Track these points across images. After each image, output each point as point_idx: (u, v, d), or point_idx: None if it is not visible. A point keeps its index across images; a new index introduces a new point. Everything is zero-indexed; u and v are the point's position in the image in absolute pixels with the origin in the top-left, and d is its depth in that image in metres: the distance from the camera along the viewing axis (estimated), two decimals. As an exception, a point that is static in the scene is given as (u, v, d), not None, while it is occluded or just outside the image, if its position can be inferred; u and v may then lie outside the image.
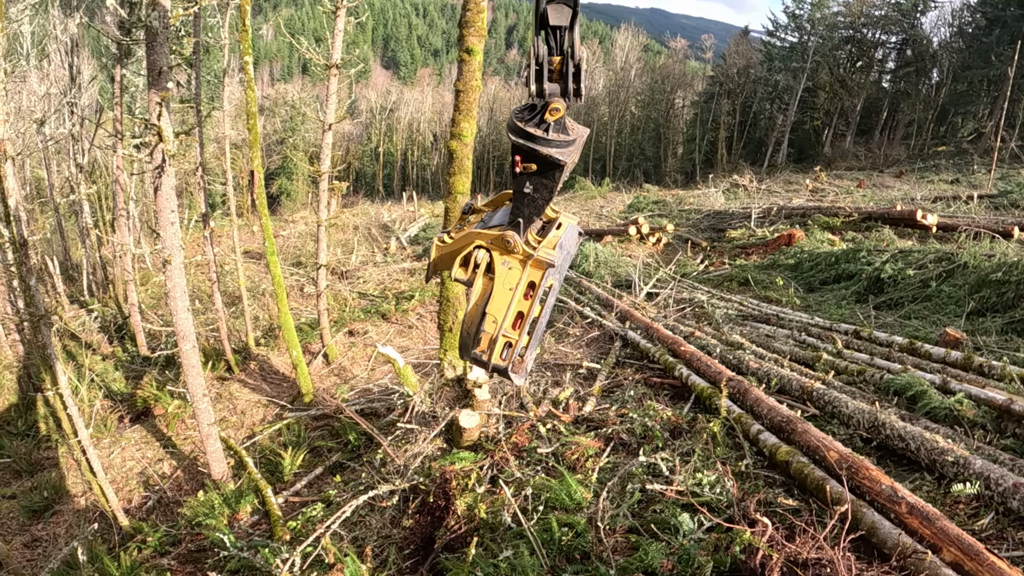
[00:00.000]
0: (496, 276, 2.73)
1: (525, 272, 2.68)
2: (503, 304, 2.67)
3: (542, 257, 2.62)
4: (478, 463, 8.27)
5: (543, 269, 2.64)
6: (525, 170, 2.49)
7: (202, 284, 26.76)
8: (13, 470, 16.05)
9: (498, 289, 2.70)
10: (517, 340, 2.66)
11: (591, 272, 21.53)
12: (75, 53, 29.83)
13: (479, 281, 2.79)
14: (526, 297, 2.68)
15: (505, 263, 2.71)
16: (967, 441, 7.03)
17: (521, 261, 2.69)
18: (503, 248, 2.72)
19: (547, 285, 2.67)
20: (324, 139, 16.10)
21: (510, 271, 2.70)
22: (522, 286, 2.67)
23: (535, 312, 2.69)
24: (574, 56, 2.22)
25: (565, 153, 2.40)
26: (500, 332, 2.66)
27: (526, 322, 2.68)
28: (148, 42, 9.25)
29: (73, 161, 30.18)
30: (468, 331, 2.77)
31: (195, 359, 11.06)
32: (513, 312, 2.67)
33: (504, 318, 2.66)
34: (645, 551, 5.82)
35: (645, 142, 79.91)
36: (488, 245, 2.78)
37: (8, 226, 10.61)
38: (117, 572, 9.67)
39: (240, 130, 42.70)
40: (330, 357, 18.19)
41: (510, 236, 2.65)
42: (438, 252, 3.08)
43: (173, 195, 9.99)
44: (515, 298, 2.67)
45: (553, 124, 2.38)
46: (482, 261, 2.80)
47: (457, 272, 2.88)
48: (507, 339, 2.67)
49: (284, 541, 8.61)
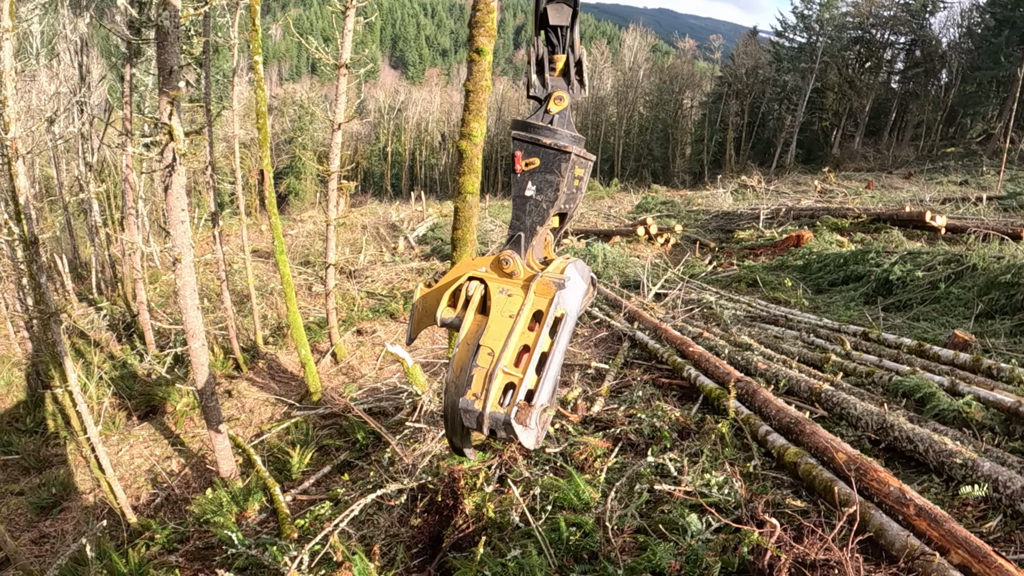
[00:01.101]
0: (492, 306, 2.23)
1: (528, 298, 2.16)
2: (501, 334, 2.13)
3: (548, 279, 2.15)
4: (486, 462, 8.27)
5: (551, 293, 2.14)
6: (527, 166, 2.28)
7: (211, 283, 26.85)
8: (21, 466, 16.13)
9: (495, 318, 2.18)
10: (522, 379, 2.07)
11: (599, 272, 21.51)
12: (84, 52, 29.96)
13: (469, 317, 2.29)
14: (530, 328, 2.14)
15: (503, 291, 2.24)
16: (975, 443, 7.01)
17: (523, 286, 2.22)
18: (500, 271, 2.29)
19: (557, 314, 2.14)
20: (334, 138, 16.13)
21: (509, 298, 2.20)
22: (525, 314, 2.14)
23: (543, 346, 2.13)
24: (575, 52, 2.21)
25: (568, 140, 2.21)
26: (499, 367, 2.06)
27: (533, 358, 2.10)
28: (159, 41, 9.28)
29: (82, 160, 30.30)
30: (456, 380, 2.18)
31: (204, 357, 11.10)
32: (515, 346, 2.12)
33: (503, 349, 2.09)
34: (653, 551, 5.82)
35: (653, 142, 79.79)
36: (482, 276, 2.32)
37: (19, 223, 10.66)
38: (125, 569, 9.70)
39: (249, 129, 42.83)
40: (338, 356, 18.22)
41: (508, 255, 2.26)
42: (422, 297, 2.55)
43: (184, 194, 10.02)
44: (517, 327, 2.12)
45: (558, 116, 2.25)
46: (475, 293, 2.32)
47: (443, 311, 2.40)
48: (508, 377, 2.09)
49: (292, 539, 8.63)
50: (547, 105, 2.25)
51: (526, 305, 2.13)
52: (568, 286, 2.15)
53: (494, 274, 2.29)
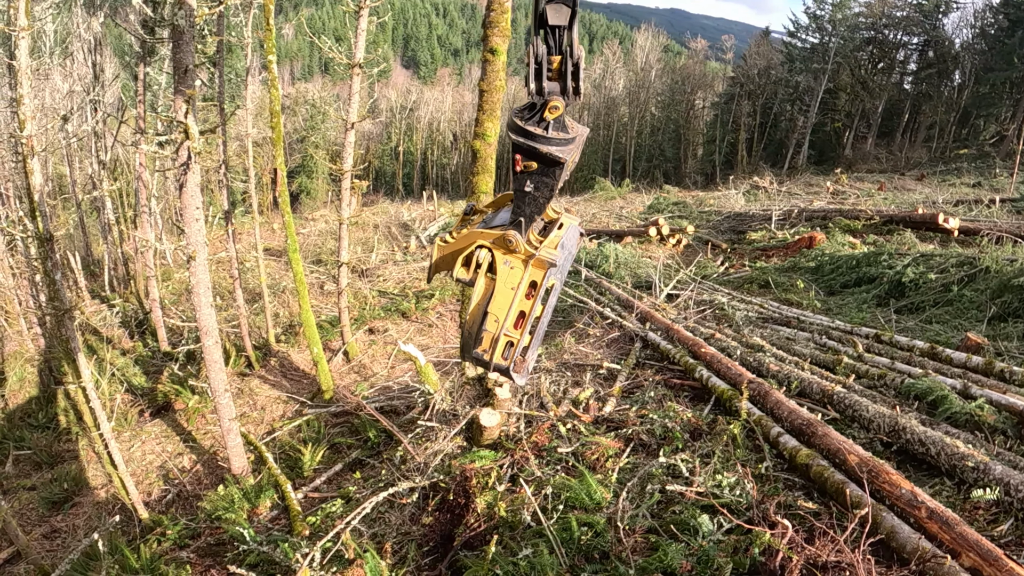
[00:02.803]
0: (498, 276, 2.75)
1: (527, 272, 2.70)
2: (505, 303, 2.70)
3: (544, 256, 2.65)
4: (498, 462, 8.30)
5: (545, 268, 2.67)
6: (526, 169, 2.54)
7: (223, 280, 26.93)
8: (33, 462, 16.22)
9: (500, 288, 2.73)
10: (519, 339, 2.69)
11: (611, 273, 21.51)
12: (98, 51, 30.10)
13: (481, 280, 2.81)
14: (528, 297, 2.71)
15: (507, 262, 2.74)
16: (987, 447, 6.99)
17: (523, 260, 2.72)
18: (505, 247, 2.75)
19: (548, 285, 2.72)
20: (347, 137, 16.17)
21: (512, 270, 2.72)
22: (524, 286, 2.69)
23: (536, 312, 2.72)
24: (572, 55, 2.29)
25: (565, 151, 2.44)
26: (502, 331, 2.68)
27: (527, 321, 2.71)
28: (174, 40, 9.33)
29: (96, 158, 30.44)
30: (470, 331, 2.81)
31: (217, 354, 11.15)
32: (515, 311, 2.70)
33: (506, 317, 2.69)
34: (664, 552, 5.83)
35: (665, 143, 79.72)
36: (490, 245, 2.80)
37: (34, 220, 10.72)
38: (137, 564, 9.75)
39: (261, 128, 42.95)
40: (350, 354, 18.27)
41: (512, 235, 2.69)
42: (440, 252, 3.09)
43: (198, 192, 10.07)
44: (517, 297, 2.69)
45: (553, 122, 2.43)
46: (484, 261, 2.82)
47: (459, 272, 2.91)
48: (509, 338, 2.70)
49: (303, 536, 8.66)
50: (543, 112, 2.39)
51: (524, 278, 2.68)
52: (559, 261, 2.67)
53: (500, 249, 2.77)
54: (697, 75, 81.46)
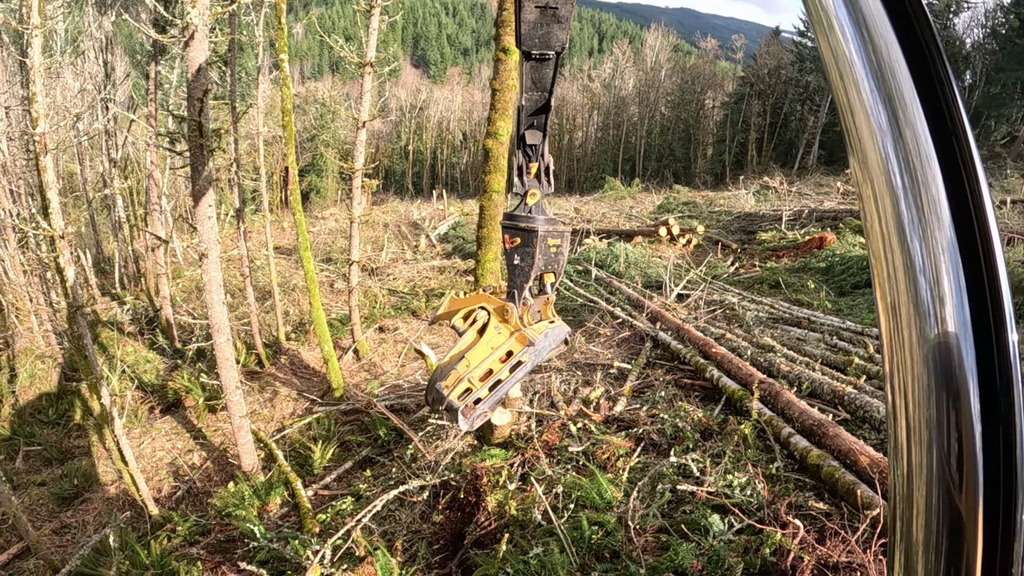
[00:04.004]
0: (486, 334, 3.03)
1: (510, 340, 2.97)
2: (481, 356, 2.95)
3: (527, 334, 2.93)
4: (509, 460, 8.30)
5: (524, 344, 2.93)
6: (512, 244, 2.99)
7: (233, 278, 26.99)
8: (44, 457, 16.28)
9: (483, 343, 2.99)
10: (477, 390, 2.89)
11: (621, 272, 21.50)
12: (109, 50, 30.19)
13: (470, 334, 3.09)
14: (501, 360, 2.95)
15: (497, 328, 3.02)
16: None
17: (510, 331, 3.00)
18: (501, 316, 3.04)
19: (522, 358, 2.95)
20: (358, 136, 16.18)
21: (498, 334, 2.99)
22: (502, 350, 2.95)
23: (502, 375, 2.95)
24: (544, 160, 2.93)
25: (538, 223, 2.90)
26: (467, 376, 2.89)
27: (491, 379, 2.93)
28: (187, 39, 9.36)
29: (107, 156, 30.54)
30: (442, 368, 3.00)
31: (229, 352, 11.19)
32: (486, 367, 2.93)
33: (477, 367, 2.92)
34: (675, 551, 5.83)
35: (675, 143, 79.65)
36: (491, 309, 3.11)
37: (46, 218, 10.76)
38: (147, 560, 9.79)
39: (272, 127, 43.07)
40: (360, 353, 18.29)
41: (510, 308, 3.00)
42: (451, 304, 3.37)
43: (211, 190, 10.10)
44: (493, 356, 2.94)
45: (533, 207, 2.97)
46: (480, 320, 3.11)
47: (457, 321, 3.22)
48: (470, 385, 2.90)
49: (313, 533, 8.68)
50: (525, 199, 2.96)
51: (504, 345, 2.96)
52: (537, 344, 2.94)
53: (497, 316, 3.07)
54: (707, 75, 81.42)
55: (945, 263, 0.73)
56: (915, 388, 0.70)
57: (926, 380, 0.68)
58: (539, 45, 2.40)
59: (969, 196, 0.75)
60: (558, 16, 2.20)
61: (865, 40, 0.81)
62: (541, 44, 2.41)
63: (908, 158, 0.76)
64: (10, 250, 21.73)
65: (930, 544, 0.64)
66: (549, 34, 2.34)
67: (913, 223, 0.76)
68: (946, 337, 0.68)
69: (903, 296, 0.75)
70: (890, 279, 0.79)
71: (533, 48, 2.40)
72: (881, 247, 0.81)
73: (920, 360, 0.71)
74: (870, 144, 0.80)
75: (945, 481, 0.63)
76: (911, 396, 0.72)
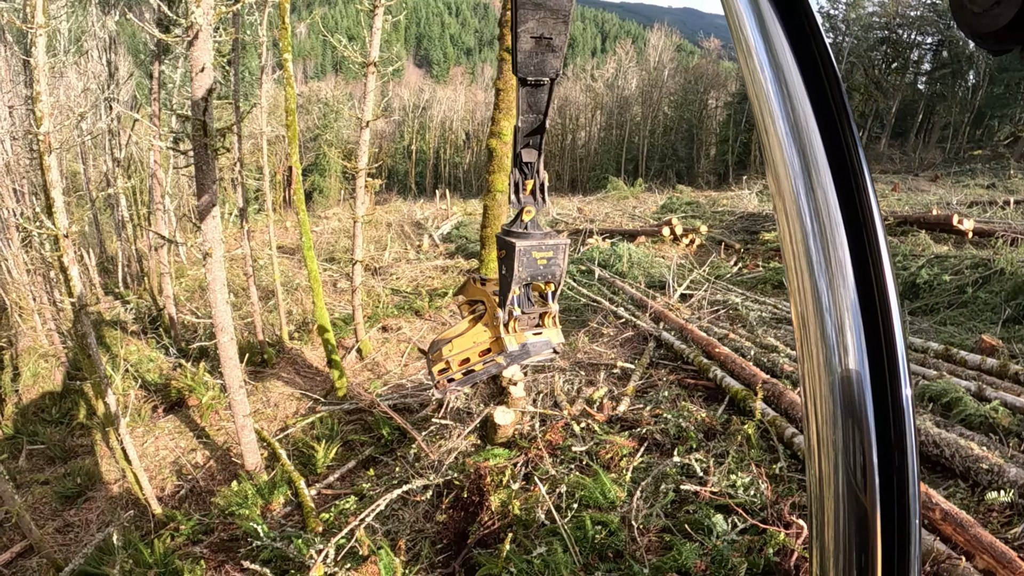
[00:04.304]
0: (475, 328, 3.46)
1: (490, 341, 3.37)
2: (464, 345, 3.43)
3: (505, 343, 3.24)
4: (512, 460, 8.31)
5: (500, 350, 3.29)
6: (500, 256, 3.20)
7: (236, 278, 27.00)
8: (47, 456, 16.30)
9: (469, 335, 3.44)
10: (453, 371, 3.45)
11: (625, 272, 21.48)
12: (113, 50, 30.23)
13: (466, 322, 3.57)
14: (479, 355, 3.41)
15: (485, 326, 3.42)
16: (1002, 449, 6.97)
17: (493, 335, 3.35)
18: (492, 317, 3.36)
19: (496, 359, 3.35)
20: (362, 136, 16.18)
21: (484, 332, 3.40)
22: (481, 347, 3.39)
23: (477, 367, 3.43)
24: (540, 178, 3.08)
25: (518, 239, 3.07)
26: (448, 358, 3.43)
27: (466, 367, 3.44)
28: (192, 39, 9.36)
29: (110, 155, 30.58)
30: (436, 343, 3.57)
31: (233, 351, 11.19)
32: (464, 355, 3.42)
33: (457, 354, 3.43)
34: (679, 551, 5.83)
35: (678, 143, 79.58)
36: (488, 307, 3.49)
37: (51, 217, 10.76)
38: (151, 559, 9.81)
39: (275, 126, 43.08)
40: (364, 352, 18.29)
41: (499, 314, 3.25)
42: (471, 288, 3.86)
43: (215, 189, 10.10)
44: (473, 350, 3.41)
45: (529, 223, 3.15)
46: (478, 311, 3.63)
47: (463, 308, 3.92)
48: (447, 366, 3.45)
49: (317, 533, 8.69)
50: (521, 216, 3.13)
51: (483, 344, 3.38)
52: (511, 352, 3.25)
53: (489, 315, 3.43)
54: (710, 75, 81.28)
55: (848, 313, 0.79)
56: (824, 409, 0.78)
57: (831, 406, 0.76)
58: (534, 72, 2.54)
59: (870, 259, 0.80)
60: (552, 46, 2.32)
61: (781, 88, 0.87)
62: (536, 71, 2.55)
63: (818, 210, 0.82)
64: (13, 249, 21.76)
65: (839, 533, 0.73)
66: (544, 62, 2.48)
67: (821, 265, 0.82)
68: (848, 373, 0.76)
69: (813, 327, 0.82)
70: (803, 304, 0.85)
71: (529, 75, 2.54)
72: (794, 273, 0.87)
73: (827, 386, 0.78)
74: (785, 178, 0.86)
75: (852, 487, 0.72)
76: (822, 416, 0.80)
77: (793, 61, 0.86)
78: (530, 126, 2.86)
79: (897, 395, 0.75)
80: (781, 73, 0.86)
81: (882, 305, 0.78)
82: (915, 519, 0.70)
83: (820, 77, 0.85)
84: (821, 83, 0.85)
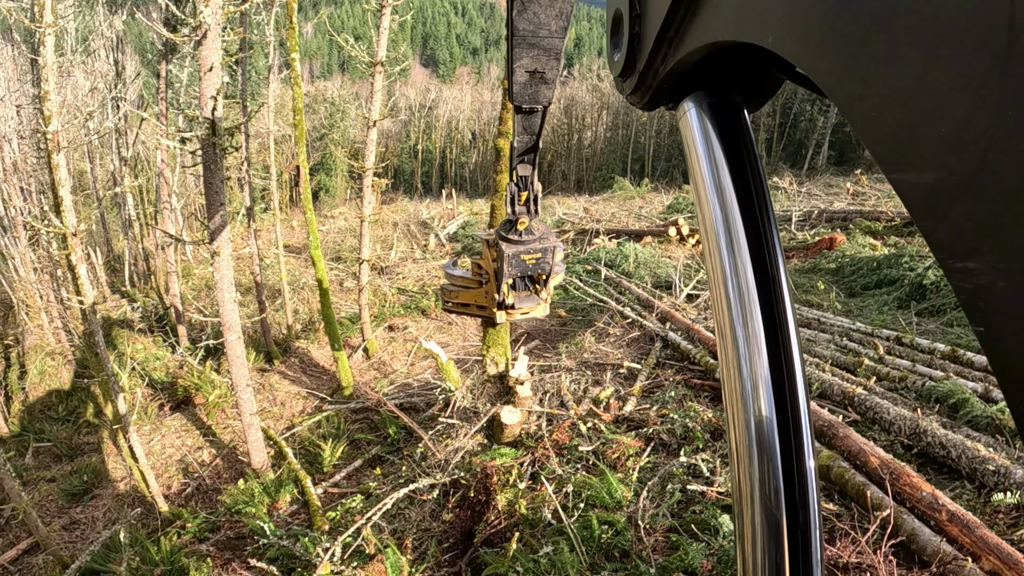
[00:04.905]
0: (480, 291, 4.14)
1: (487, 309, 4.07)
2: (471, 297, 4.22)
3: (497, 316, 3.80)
4: (519, 459, 8.32)
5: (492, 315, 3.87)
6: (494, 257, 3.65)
7: (243, 277, 27.06)
8: (53, 454, 16.34)
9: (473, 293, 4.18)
10: (453, 302, 4.30)
11: (631, 272, 21.48)
12: (120, 49, 30.30)
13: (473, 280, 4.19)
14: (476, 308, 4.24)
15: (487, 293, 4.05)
16: (1008, 451, 6.97)
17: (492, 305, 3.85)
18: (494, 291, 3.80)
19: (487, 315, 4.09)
20: (369, 135, 16.21)
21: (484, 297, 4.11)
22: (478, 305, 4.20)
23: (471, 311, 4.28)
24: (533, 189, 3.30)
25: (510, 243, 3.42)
26: (457, 292, 4.23)
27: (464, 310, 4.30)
28: (200, 38, 9.39)
29: (117, 154, 30.65)
30: (453, 278, 4.29)
31: (240, 349, 11.22)
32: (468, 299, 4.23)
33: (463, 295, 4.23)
34: (685, 551, 5.84)
35: (684, 143, 79.45)
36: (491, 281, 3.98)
37: (59, 215, 10.80)
38: (157, 556, 9.84)
39: (281, 126, 43.15)
40: (370, 351, 18.33)
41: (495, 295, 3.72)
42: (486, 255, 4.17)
43: (222, 188, 10.13)
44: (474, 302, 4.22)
45: (523, 231, 3.42)
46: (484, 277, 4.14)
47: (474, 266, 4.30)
48: (451, 298, 4.30)
49: (323, 531, 8.71)
50: (516, 225, 3.40)
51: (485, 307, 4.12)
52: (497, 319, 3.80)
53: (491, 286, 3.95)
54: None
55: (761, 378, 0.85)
56: (742, 435, 0.85)
57: (745, 438, 0.84)
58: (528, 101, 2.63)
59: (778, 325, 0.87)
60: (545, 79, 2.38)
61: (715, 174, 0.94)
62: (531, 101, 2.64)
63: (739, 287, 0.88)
64: (21, 247, 21.85)
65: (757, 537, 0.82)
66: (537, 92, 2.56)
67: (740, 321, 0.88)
68: (760, 415, 0.84)
69: (733, 368, 0.87)
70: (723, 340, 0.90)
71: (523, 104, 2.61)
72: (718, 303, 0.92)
73: (743, 419, 0.86)
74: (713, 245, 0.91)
75: (766, 502, 0.81)
76: (740, 440, 0.87)
77: None
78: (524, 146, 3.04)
79: (800, 440, 0.83)
80: None
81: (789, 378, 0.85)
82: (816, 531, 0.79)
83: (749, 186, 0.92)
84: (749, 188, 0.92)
